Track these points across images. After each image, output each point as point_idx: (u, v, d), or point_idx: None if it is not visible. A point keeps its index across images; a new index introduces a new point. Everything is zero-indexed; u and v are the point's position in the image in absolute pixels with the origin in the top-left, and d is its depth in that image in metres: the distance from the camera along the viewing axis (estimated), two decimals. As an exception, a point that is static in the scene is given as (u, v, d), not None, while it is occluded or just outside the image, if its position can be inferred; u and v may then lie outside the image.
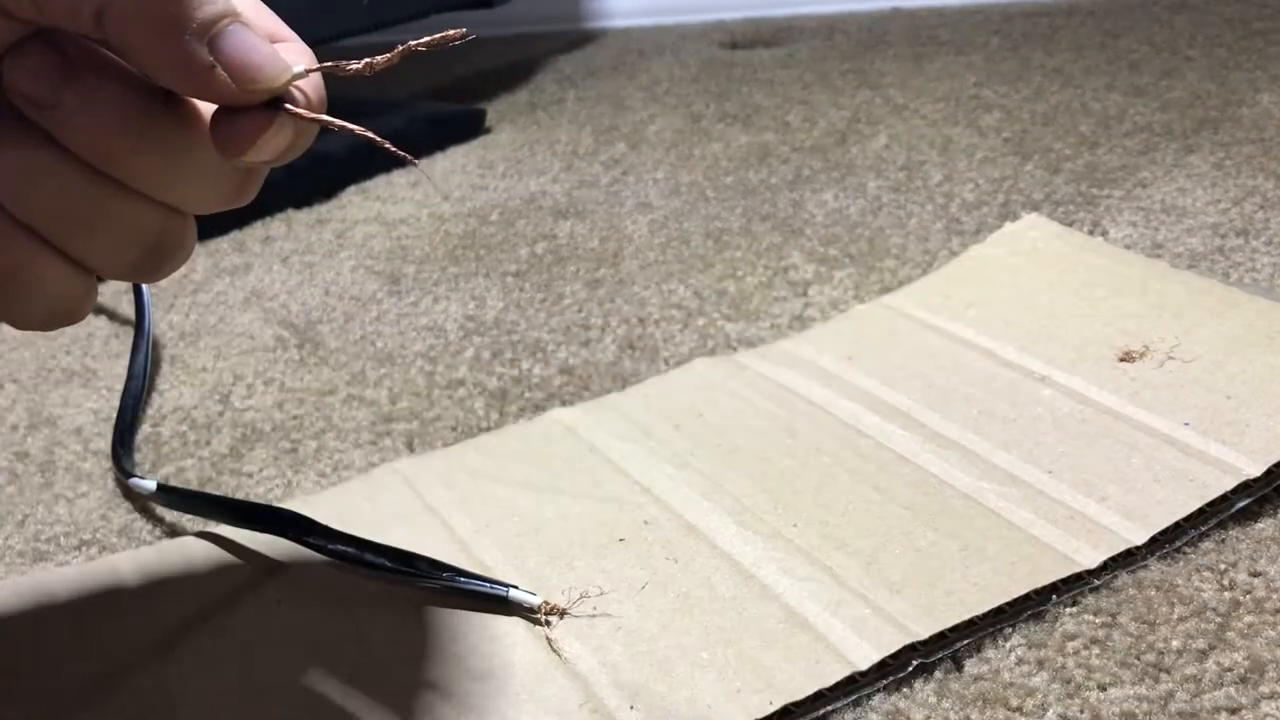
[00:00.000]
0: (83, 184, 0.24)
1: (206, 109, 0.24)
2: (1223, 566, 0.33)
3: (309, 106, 0.24)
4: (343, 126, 0.24)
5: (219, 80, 0.23)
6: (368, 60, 0.24)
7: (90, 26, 0.22)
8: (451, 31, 0.25)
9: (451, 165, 0.77)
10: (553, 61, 1.06)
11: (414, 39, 0.24)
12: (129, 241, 0.25)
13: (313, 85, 0.25)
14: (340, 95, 0.97)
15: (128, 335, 0.55)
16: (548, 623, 0.32)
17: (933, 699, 0.29)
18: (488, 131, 0.84)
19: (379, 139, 0.24)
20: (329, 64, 0.24)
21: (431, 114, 0.83)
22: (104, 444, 0.45)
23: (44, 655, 0.32)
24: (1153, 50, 0.87)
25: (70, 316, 0.25)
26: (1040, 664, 0.30)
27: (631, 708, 0.29)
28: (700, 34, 1.11)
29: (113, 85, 0.23)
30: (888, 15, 1.10)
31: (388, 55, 0.24)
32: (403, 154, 0.24)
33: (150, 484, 0.39)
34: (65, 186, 0.24)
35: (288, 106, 0.24)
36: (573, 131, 0.83)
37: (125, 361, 0.50)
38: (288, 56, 0.24)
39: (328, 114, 0.25)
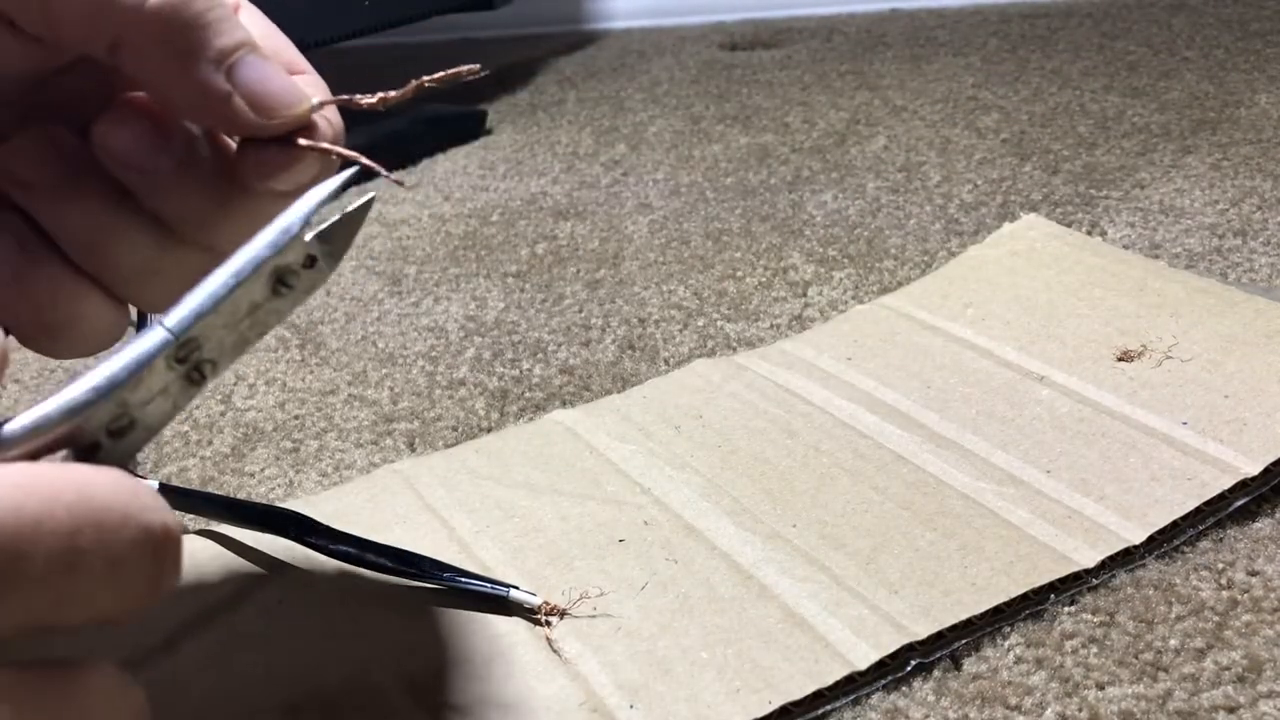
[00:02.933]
0: (154, 240, 0.24)
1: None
2: (1221, 566, 0.33)
3: (328, 138, 0.25)
4: (356, 159, 0.24)
5: (237, 109, 0.23)
6: (381, 95, 0.25)
7: (105, 53, 0.22)
8: (464, 67, 0.25)
9: (452, 166, 0.77)
10: (553, 63, 1.06)
11: (427, 75, 0.25)
12: (182, 286, 0.25)
13: (331, 117, 0.25)
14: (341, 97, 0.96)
15: (129, 335, 0.55)
16: (548, 623, 0.32)
17: (931, 698, 0.29)
18: (488, 132, 0.85)
19: (385, 171, 0.24)
20: (344, 97, 0.24)
21: (432, 115, 0.83)
22: (105, 444, 0.45)
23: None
24: (1151, 51, 0.87)
25: (109, 346, 0.26)
26: (1039, 663, 0.30)
27: (631, 707, 0.29)
28: (700, 35, 1.11)
29: (201, 154, 0.24)
30: (886, 16, 1.10)
31: (401, 91, 0.25)
32: (397, 180, 0.24)
33: (152, 484, 0.39)
34: (137, 243, 0.24)
35: (301, 141, 0.24)
36: (573, 132, 0.83)
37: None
38: (305, 88, 0.25)
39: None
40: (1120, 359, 0.42)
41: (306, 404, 0.47)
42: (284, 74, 0.24)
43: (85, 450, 0.20)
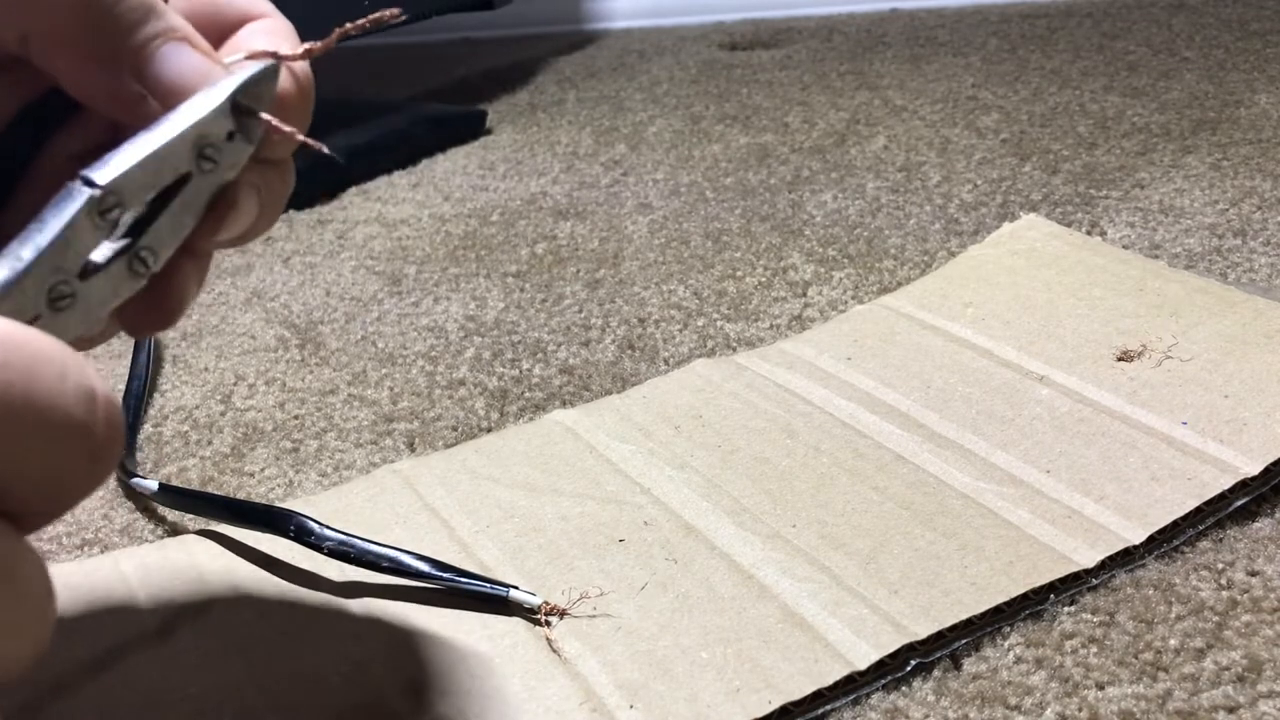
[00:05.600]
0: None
1: None
2: (1220, 566, 0.33)
3: (285, 100, 0.24)
4: (304, 141, 0.24)
5: (153, 110, 0.22)
6: (306, 47, 0.24)
7: (16, 48, 0.22)
8: (386, 12, 0.25)
9: (452, 166, 0.77)
10: (553, 62, 1.06)
11: (352, 24, 0.24)
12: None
13: (292, 77, 0.24)
14: (342, 98, 0.97)
15: (129, 335, 0.55)
16: (548, 623, 0.32)
17: (931, 698, 0.29)
18: (488, 132, 0.85)
19: (327, 149, 0.24)
20: (263, 52, 0.24)
21: (432, 115, 0.83)
22: (105, 444, 0.45)
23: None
24: (1150, 51, 0.87)
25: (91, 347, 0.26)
26: (1038, 663, 0.30)
27: (631, 707, 0.29)
28: (700, 35, 1.11)
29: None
30: (886, 16, 1.10)
31: (324, 42, 0.24)
32: (331, 154, 0.24)
33: (152, 484, 0.39)
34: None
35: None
36: (573, 132, 0.83)
37: (127, 361, 0.50)
38: (252, 41, 0.24)
39: (322, 113, 0.25)
40: (1120, 359, 0.42)
41: (306, 404, 0.47)
42: (205, 63, 0.22)
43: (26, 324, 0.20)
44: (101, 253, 0.21)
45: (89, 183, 0.21)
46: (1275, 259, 0.51)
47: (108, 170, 0.21)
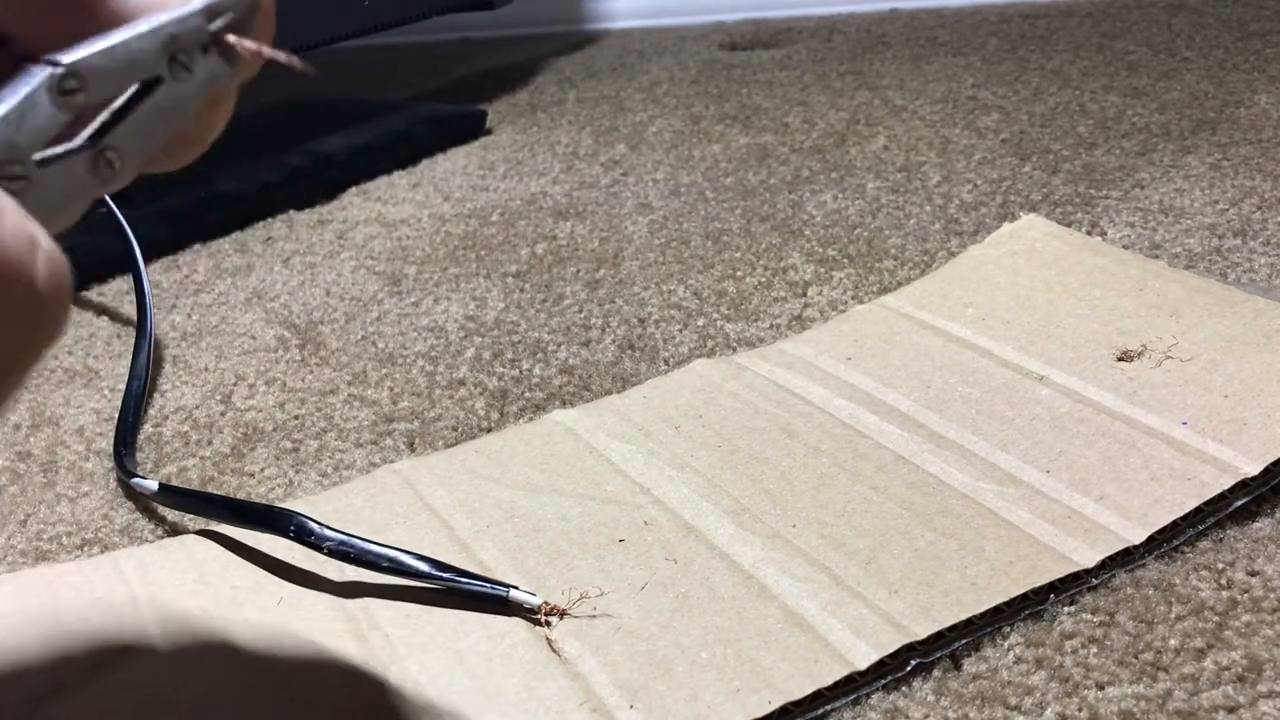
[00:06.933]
0: None
1: None
2: (1220, 566, 0.33)
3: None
4: (274, 56, 0.23)
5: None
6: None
7: None
8: (298, 64, 0.24)
9: (452, 166, 0.77)
10: (553, 63, 1.06)
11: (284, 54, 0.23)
12: None
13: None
14: (342, 98, 0.97)
15: (129, 335, 0.55)
16: (548, 623, 0.32)
17: (931, 698, 0.29)
18: (488, 132, 0.85)
19: (287, 58, 0.23)
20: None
21: (432, 115, 0.83)
22: (106, 444, 0.46)
23: (42, 646, 0.32)
24: (1150, 52, 0.87)
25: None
26: (1038, 663, 0.30)
27: (631, 707, 0.29)
28: (700, 35, 1.11)
29: None
30: (886, 17, 1.10)
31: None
32: (303, 68, 0.23)
33: (152, 484, 0.39)
34: None
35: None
36: (573, 132, 0.83)
37: (127, 362, 0.50)
38: None
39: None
40: (1120, 359, 0.42)
41: (306, 404, 0.47)
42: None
43: None
44: (64, 148, 0.20)
45: (52, 62, 0.20)
46: (1275, 259, 0.51)
47: (72, 52, 0.20)
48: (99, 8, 0.21)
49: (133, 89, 0.21)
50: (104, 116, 0.21)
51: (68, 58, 0.20)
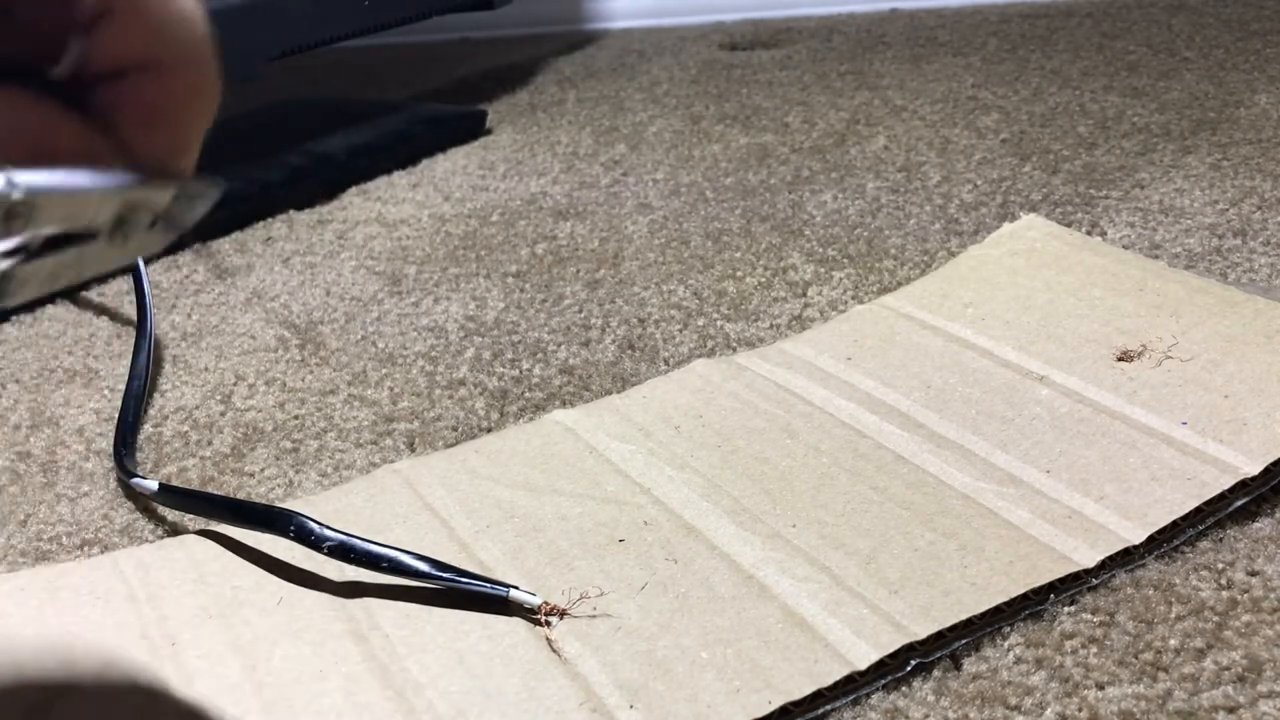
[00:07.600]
0: None
1: None
2: (1220, 566, 0.33)
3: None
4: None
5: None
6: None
7: None
8: (208, 190, 0.23)
9: (452, 166, 0.77)
10: (553, 63, 1.06)
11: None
12: None
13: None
14: (342, 98, 0.97)
15: (129, 336, 0.55)
16: (548, 623, 0.32)
17: (931, 698, 0.29)
18: (488, 133, 0.85)
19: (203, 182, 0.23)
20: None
21: (432, 115, 0.83)
22: (106, 444, 0.46)
23: (42, 646, 0.32)
24: (1150, 52, 0.87)
25: None
26: (1038, 663, 0.30)
27: (631, 707, 0.29)
28: (700, 35, 1.11)
29: None
30: (886, 17, 1.10)
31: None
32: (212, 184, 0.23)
33: (152, 484, 0.39)
34: None
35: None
36: (573, 132, 0.83)
37: (127, 362, 0.50)
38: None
39: None
40: (1120, 359, 0.42)
41: (306, 404, 0.47)
42: None
43: None
44: None
45: (9, 182, 0.18)
46: (1275, 259, 0.51)
47: (36, 177, 0.18)
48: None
49: (64, 233, 0.20)
50: (21, 241, 0.19)
51: (25, 181, 0.18)
